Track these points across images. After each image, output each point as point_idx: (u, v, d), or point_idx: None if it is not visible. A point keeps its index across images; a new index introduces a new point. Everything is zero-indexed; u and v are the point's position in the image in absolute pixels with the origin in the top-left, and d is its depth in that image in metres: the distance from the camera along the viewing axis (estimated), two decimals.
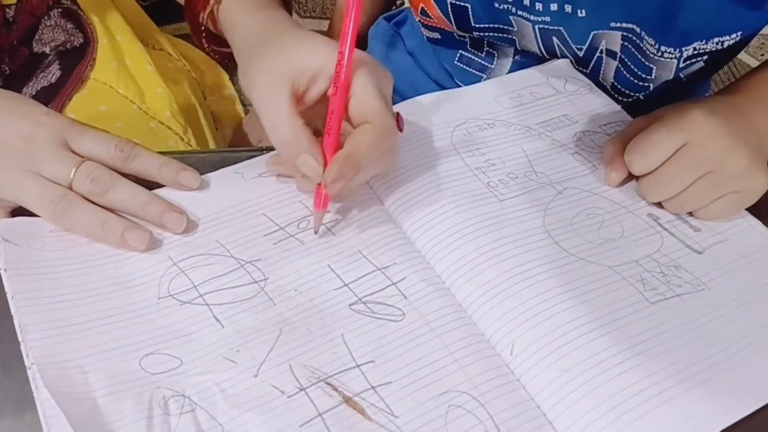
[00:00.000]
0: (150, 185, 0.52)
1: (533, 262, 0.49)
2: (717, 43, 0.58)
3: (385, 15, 0.86)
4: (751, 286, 0.50)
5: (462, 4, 0.65)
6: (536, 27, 0.63)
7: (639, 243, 0.52)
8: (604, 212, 0.54)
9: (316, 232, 0.51)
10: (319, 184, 0.48)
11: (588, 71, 0.67)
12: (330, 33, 0.91)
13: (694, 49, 0.59)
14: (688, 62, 0.61)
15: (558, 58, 0.67)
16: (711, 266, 0.51)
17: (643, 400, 0.42)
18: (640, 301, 0.48)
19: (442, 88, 0.72)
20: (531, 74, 0.66)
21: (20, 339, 0.44)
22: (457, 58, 0.74)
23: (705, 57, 0.61)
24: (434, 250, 0.50)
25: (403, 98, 0.62)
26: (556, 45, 0.65)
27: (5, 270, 0.46)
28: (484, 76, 0.73)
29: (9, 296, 0.45)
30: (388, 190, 0.53)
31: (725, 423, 0.42)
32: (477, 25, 0.66)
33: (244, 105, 0.96)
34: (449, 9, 0.66)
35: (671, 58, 0.61)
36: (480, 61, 0.72)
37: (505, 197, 0.54)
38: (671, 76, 0.64)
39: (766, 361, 0.45)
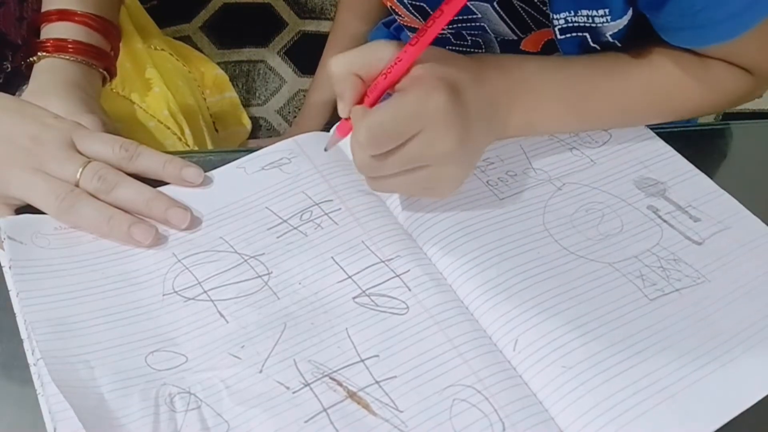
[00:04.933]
0: (155, 185, 0.52)
1: (534, 261, 0.49)
2: (587, 18, 0.55)
3: (384, 20, 0.86)
4: (751, 275, 0.50)
5: (419, 3, 0.64)
6: (494, 4, 0.62)
7: (638, 237, 0.52)
8: (604, 206, 0.54)
9: (326, 149, 0.52)
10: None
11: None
12: (332, 38, 0.91)
13: (566, 20, 0.57)
14: (569, 35, 0.59)
15: (534, 30, 0.66)
16: (711, 257, 0.51)
17: (643, 398, 0.42)
18: (640, 299, 0.48)
19: None
20: None
21: (24, 337, 0.44)
22: None
23: (585, 34, 0.58)
24: (434, 248, 0.50)
25: None
26: (522, 11, 0.63)
27: (10, 267, 0.46)
28: None
29: (14, 294, 0.46)
30: (389, 198, 0.54)
31: (725, 418, 0.42)
32: None
33: (245, 106, 0.97)
34: (410, 8, 0.66)
35: (547, 25, 0.59)
36: (469, 50, 0.72)
37: (505, 195, 0.54)
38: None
39: (765, 353, 0.45)
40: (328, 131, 0.59)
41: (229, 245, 0.50)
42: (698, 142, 0.61)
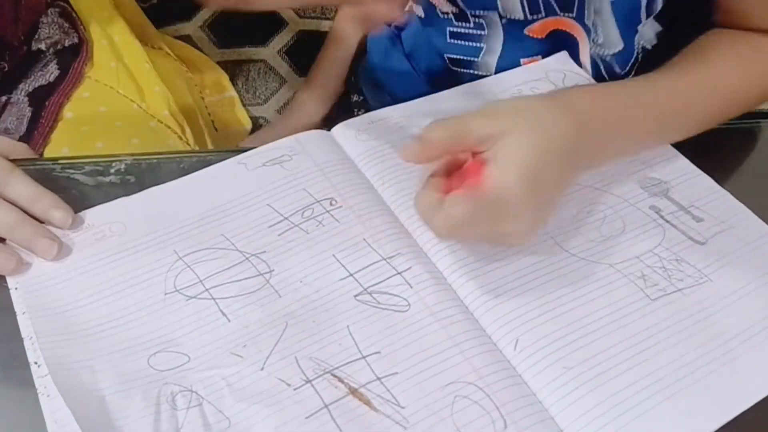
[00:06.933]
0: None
1: (535, 265, 0.49)
2: None
3: None
4: (753, 275, 0.50)
5: None
6: None
7: (640, 238, 0.52)
8: (606, 207, 0.54)
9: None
10: None
11: (574, 15, 0.66)
12: (330, 40, 0.91)
13: None
14: None
15: (542, 15, 0.67)
16: (713, 256, 0.51)
17: (644, 398, 0.42)
18: (642, 299, 0.48)
19: (439, 89, 0.72)
20: (530, 70, 0.66)
21: (24, 336, 0.44)
22: (448, 36, 0.73)
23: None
24: (434, 249, 0.50)
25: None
26: None
27: (16, 289, 0.46)
28: (483, 45, 0.72)
29: (20, 312, 0.45)
30: (391, 197, 0.54)
31: (727, 417, 0.42)
32: None
33: (245, 106, 0.97)
34: None
35: None
36: (472, 31, 0.72)
37: None
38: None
39: (767, 352, 0.46)
40: (323, 129, 0.59)
41: (230, 242, 0.50)
42: (699, 141, 0.61)
